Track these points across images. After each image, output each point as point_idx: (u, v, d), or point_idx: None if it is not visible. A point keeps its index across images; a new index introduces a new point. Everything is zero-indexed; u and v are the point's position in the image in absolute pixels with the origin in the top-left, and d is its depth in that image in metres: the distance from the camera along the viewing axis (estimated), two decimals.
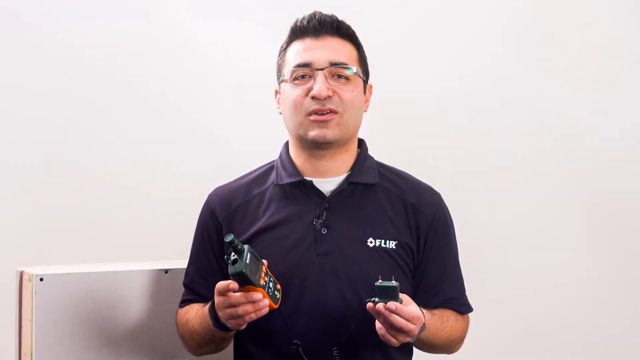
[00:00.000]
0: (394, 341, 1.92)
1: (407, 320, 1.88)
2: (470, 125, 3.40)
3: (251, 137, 3.27)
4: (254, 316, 1.88)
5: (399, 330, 1.88)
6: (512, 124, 3.39)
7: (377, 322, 1.90)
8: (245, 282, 1.85)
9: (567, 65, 3.39)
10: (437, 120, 3.39)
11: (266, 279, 1.90)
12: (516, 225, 3.40)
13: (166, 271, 2.33)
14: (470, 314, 2.25)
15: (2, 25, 3.13)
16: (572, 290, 3.38)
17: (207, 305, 2.04)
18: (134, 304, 2.30)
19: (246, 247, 1.86)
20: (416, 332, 1.92)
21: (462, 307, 2.19)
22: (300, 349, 2.00)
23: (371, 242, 2.09)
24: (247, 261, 1.84)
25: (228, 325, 1.93)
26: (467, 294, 2.24)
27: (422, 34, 3.39)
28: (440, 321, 2.08)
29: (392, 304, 1.86)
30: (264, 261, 1.92)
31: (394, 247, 2.10)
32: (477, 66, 3.40)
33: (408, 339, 1.93)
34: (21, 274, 2.19)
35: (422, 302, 2.12)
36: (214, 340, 2.10)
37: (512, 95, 3.39)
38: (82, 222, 3.18)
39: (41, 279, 2.16)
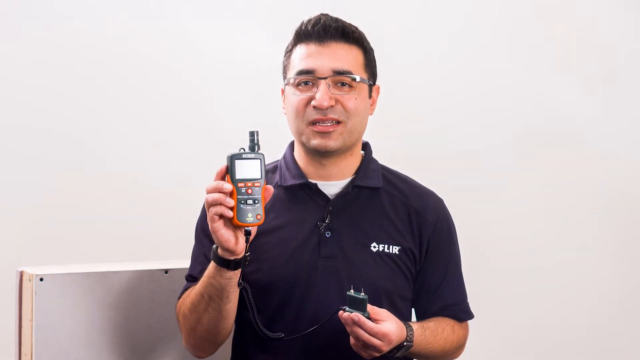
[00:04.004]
0: (363, 353, 1.92)
1: (371, 335, 1.86)
2: (471, 126, 3.40)
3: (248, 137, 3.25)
4: (218, 209, 1.80)
5: (365, 344, 1.89)
6: (513, 125, 3.40)
7: None
8: (229, 170, 1.84)
9: (565, 64, 3.40)
10: (439, 123, 3.39)
11: (250, 192, 1.84)
12: (518, 228, 3.40)
13: (166, 271, 2.30)
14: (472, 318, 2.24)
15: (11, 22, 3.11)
16: (574, 291, 3.39)
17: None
18: (134, 304, 2.28)
19: (262, 155, 1.84)
20: (384, 348, 1.90)
21: (462, 313, 2.19)
22: (247, 289, 1.95)
23: (374, 247, 2.07)
24: (244, 156, 1.83)
25: (211, 229, 1.85)
26: (468, 299, 2.22)
27: (422, 34, 3.39)
28: (433, 335, 2.08)
29: (355, 316, 1.85)
30: (269, 187, 1.87)
31: (397, 253, 2.08)
32: (475, 68, 3.40)
33: (377, 354, 1.91)
34: (21, 274, 2.17)
35: (422, 308, 2.16)
36: (213, 299, 1.98)
37: (512, 96, 3.40)
38: (82, 222, 3.17)
39: (41, 279, 2.14)
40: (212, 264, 1.91)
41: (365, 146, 2.18)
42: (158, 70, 3.23)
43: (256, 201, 1.84)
